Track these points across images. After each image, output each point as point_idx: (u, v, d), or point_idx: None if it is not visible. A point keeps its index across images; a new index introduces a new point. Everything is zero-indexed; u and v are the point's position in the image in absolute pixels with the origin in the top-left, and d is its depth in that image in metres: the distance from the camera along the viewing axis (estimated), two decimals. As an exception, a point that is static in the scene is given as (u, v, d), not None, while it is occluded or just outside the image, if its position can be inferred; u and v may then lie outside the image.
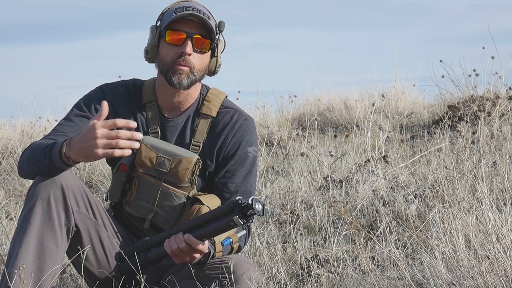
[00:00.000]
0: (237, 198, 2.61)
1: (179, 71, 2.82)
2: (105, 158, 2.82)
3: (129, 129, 2.59)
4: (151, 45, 2.86)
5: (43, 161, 2.67)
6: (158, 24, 2.87)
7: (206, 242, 2.69)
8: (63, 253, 2.72)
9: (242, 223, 2.60)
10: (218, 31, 2.86)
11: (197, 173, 2.84)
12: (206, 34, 2.83)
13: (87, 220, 2.77)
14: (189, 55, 2.80)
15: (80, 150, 2.59)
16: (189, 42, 2.81)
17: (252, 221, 2.63)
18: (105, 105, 2.61)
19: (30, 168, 2.73)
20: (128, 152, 2.57)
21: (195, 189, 2.86)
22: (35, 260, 2.66)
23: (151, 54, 2.87)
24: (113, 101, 2.90)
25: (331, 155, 5.45)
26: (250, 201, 2.58)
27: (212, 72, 2.91)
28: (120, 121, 2.58)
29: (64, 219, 2.71)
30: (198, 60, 2.83)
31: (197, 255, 2.69)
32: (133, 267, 2.73)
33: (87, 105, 2.88)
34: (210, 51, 2.86)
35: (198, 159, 2.83)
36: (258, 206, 2.59)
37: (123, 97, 2.91)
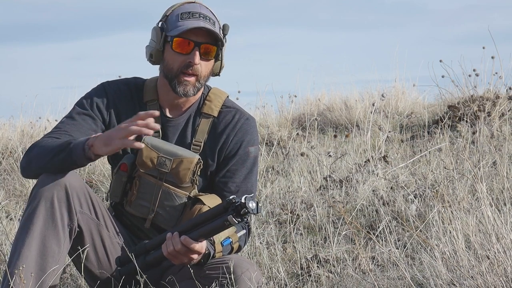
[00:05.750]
0: (231, 197, 2.61)
1: (185, 82, 2.82)
2: (106, 157, 2.85)
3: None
4: (155, 49, 2.84)
5: (58, 155, 2.66)
6: (160, 25, 2.85)
7: (204, 242, 2.69)
8: (65, 253, 2.72)
9: (236, 222, 2.60)
10: (222, 35, 2.85)
11: (198, 173, 2.84)
12: (213, 41, 2.82)
13: (89, 220, 2.77)
14: (197, 64, 2.80)
15: (105, 138, 2.60)
16: (197, 52, 2.80)
17: (247, 220, 2.63)
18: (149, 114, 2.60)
19: (39, 164, 2.70)
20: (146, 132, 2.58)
21: (196, 189, 2.86)
22: (37, 260, 2.66)
23: (155, 58, 2.86)
24: (115, 99, 2.90)
25: (330, 155, 5.45)
26: (243, 200, 2.58)
27: (215, 74, 2.91)
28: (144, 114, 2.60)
29: (67, 220, 2.70)
30: (204, 67, 2.83)
31: (195, 256, 2.69)
32: (133, 271, 2.73)
33: (89, 103, 2.88)
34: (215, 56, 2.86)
35: (199, 159, 2.83)
36: (252, 205, 2.58)
37: (125, 96, 2.91)
